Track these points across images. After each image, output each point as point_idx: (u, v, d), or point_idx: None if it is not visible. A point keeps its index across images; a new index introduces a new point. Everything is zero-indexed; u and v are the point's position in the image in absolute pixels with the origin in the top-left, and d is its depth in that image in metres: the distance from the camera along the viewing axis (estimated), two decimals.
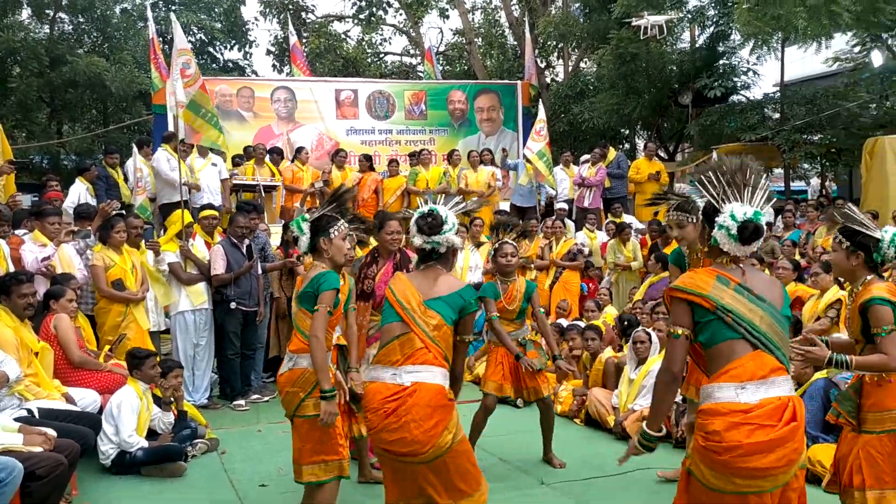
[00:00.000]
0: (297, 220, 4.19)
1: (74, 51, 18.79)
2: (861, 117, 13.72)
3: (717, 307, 3.04)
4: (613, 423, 6.62)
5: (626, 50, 14.49)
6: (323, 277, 4.01)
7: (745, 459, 2.89)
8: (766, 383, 2.98)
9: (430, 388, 3.51)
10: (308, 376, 4.01)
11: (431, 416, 3.47)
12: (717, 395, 3.01)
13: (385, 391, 3.52)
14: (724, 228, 3.10)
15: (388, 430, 3.47)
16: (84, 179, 10.05)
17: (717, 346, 3.06)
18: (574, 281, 10.30)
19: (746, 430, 2.91)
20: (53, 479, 4.30)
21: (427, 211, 3.74)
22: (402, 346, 3.57)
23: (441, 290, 3.67)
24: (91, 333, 6.87)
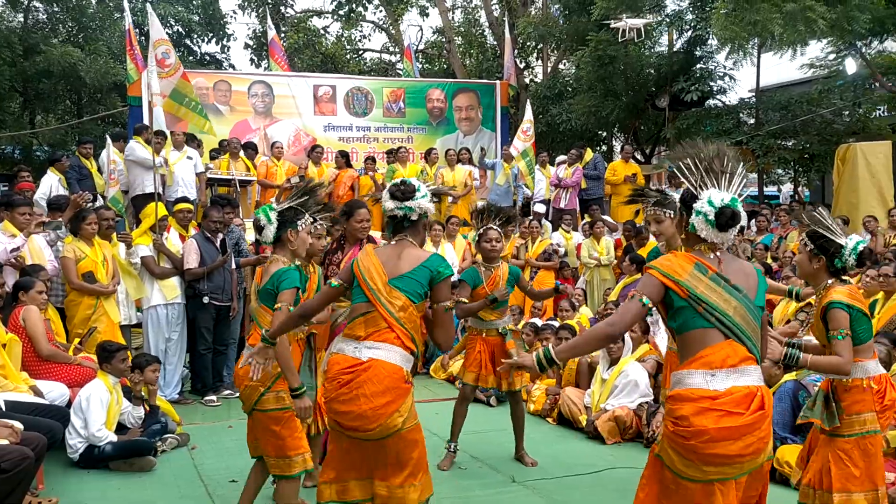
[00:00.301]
0: (265, 208, 4.14)
1: (49, 40, 18.53)
2: (834, 124, 13.89)
3: (689, 295, 3.06)
4: (585, 422, 6.65)
5: (604, 52, 14.56)
6: (284, 275, 3.98)
7: (712, 445, 2.92)
8: (737, 371, 3.01)
9: (385, 366, 3.51)
10: (268, 371, 3.98)
11: (383, 395, 3.46)
12: (686, 381, 3.04)
13: (343, 362, 3.54)
14: (701, 214, 3.11)
15: (339, 401, 3.50)
16: (55, 170, 9.93)
17: (688, 333, 3.09)
18: (549, 281, 10.32)
19: (714, 416, 2.94)
20: (19, 472, 4.24)
21: (399, 181, 3.74)
22: (367, 324, 3.58)
23: (405, 267, 3.63)
24: (61, 326, 6.80)
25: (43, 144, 19.90)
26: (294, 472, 4.05)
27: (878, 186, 11.56)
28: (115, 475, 5.54)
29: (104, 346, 5.95)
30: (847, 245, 3.91)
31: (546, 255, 10.42)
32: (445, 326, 3.74)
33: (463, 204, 11.98)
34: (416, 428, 3.62)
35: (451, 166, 12.31)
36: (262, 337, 3.85)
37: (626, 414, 6.42)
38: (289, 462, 4.04)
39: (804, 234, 4.06)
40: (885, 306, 6.92)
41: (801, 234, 4.33)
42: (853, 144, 12.13)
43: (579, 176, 12.46)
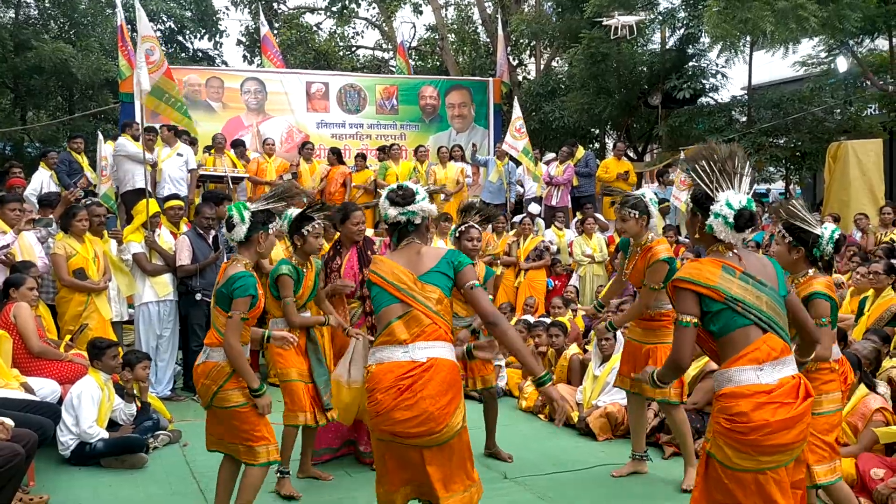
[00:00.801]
0: (238, 205, 4.07)
1: (40, 36, 18.44)
2: (826, 122, 13.93)
3: (727, 297, 3.14)
4: (577, 419, 6.67)
5: (597, 50, 14.57)
6: (238, 281, 3.94)
7: (773, 437, 3.04)
8: (781, 363, 3.14)
9: (445, 363, 3.38)
10: (220, 370, 4.03)
11: (447, 393, 3.34)
12: (737, 378, 3.12)
13: (398, 369, 3.34)
14: (720, 217, 3.18)
15: (402, 409, 3.28)
16: (46, 166, 9.89)
17: (731, 334, 3.17)
18: (540, 278, 10.36)
19: (771, 409, 3.06)
20: (9, 469, 4.23)
21: (395, 186, 3.64)
22: (409, 325, 3.40)
23: (430, 263, 3.51)
24: (52, 323, 6.77)
25: (34, 141, 19.82)
26: (259, 461, 4.10)
27: (868, 184, 11.61)
28: (106, 472, 5.54)
29: (95, 343, 5.93)
30: (823, 234, 4.04)
31: (537, 252, 10.43)
32: (484, 301, 3.51)
33: (455, 202, 11.97)
34: (466, 428, 3.51)
35: (443, 163, 12.31)
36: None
37: (618, 410, 6.44)
38: (254, 452, 4.09)
39: (780, 227, 4.16)
40: (874, 303, 6.97)
41: (777, 227, 4.42)
42: (844, 142, 12.18)
43: (570, 173, 12.47)
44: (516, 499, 5.13)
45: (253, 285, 3.96)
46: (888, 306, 6.83)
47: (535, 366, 3.47)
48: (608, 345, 6.83)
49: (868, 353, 5.83)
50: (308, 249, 5.07)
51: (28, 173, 10.81)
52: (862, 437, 5.11)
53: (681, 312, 3.20)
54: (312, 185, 11.61)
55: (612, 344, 6.86)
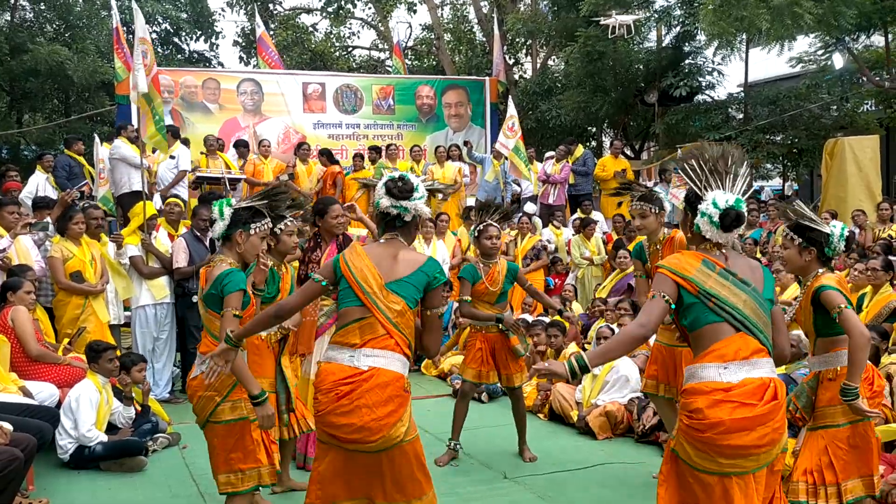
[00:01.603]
0: (221, 202, 3.90)
1: (35, 39, 18.41)
2: (822, 118, 13.95)
3: (699, 291, 3.10)
4: (577, 417, 6.67)
5: (593, 48, 14.58)
6: (227, 278, 3.70)
7: (727, 437, 2.95)
8: (749, 364, 3.05)
9: (387, 374, 3.31)
10: (224, 379, 3.71)
11: (385, 404, 3.28)
12: (700, 375, 3.07)
13: (340, 373, 3.31)
14: (706, 216, 3.16)
15: (338, 414, 3.26)
16: (42, 169, 9.87)
17: (701, 329, 3.12)
18: (538, 278, 10.34)
19: (728, 408, 2.97)
20: (8, 473, 4.22)
21: (398, 175, 3.49)
22: (363, 331, 3.35)
23: (403, 271, 3.42)
24: (49, 326, 6.76)
25: (31, 144, 19.80)
26: (247, 487, 3.83)
27: (865, 181, 11.61)
28: (105, 475, 5.52)
29: (92, 346, 5.92)
30: (833, 232, 3.96)
31: (535, 251, 10.42)
32: (435, 332, 3.58)
33: (453, 201, 11.97)
34: (417, 440, 3.45)
35: (440, 163, 12.30)
36: (225, 337, 3.52)
37: (618, 409, 6.44)
38: (241, 477, 3.81)
39: (787, 230, 4.07)
40: (872, 300, 6.97)
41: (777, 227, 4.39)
42: (841, 139, 12.18)
43: (567, 172, 12.47)
44: (516, 498, 5.13)
45: (242, 280, 3.74)
46: (886, 302, 6.84)
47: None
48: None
49: None
50: (282, 249, 4.82)
51: (24, 176, 10.78)
52: None
53: (656, 289, 3.16)
54: (309, 187, 11.60)
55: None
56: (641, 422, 6.26)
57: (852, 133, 13.11)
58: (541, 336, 7.87)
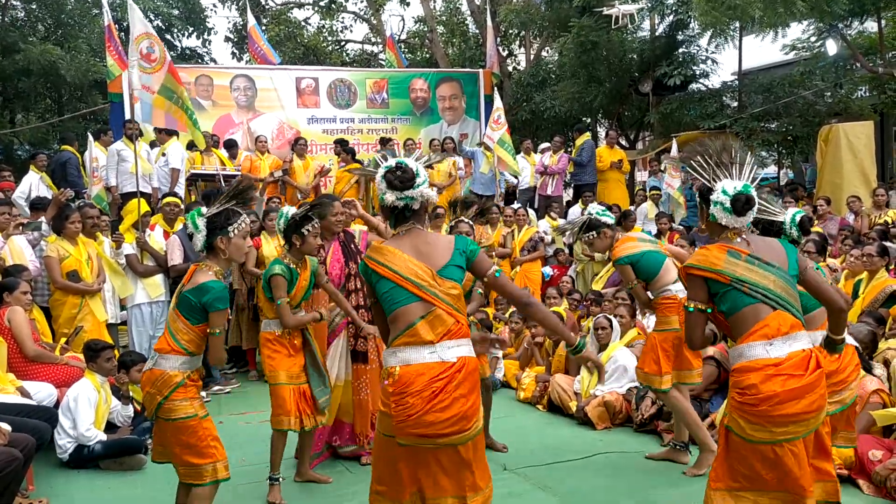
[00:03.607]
0: (192, 213, 3.80)
1: (27, 38, 18.33)
2: (816, 105, 13.92)
3: (732, 280, 3.38)
4: (575, 408, 6.68)
5: (587, 38, 14.52)
6: (211, 294, 3.71)
7: (782, 407, 3.23)
8: (791, 338, 3.33)
9: (472, 362, 3.27)
10: (167, 379, 3.76)
11: (474, 391, 3.25)
12: (748, 354, 3.34)
13: (429, 371, 3.16)
14: (718, 204, 3.44)
15: (436, 411, 3.12)
16: (36, 169, 9.84)
17: (740, 312, 3.39)
18: (535, 269, 10.35)
19: (780, 381, 3.26)
20: (8, 474, 4.22)
21: (395, 164, 3.34)
22: (433, 325, 3.21)
23: (445, 256, 3.31)
24: (46, 326, 6.75)
25: (24, 143, 19.72)
26: (205, 481, 3.84)
27: (860, 167, 11.63)
28: (105, 474, 5.54)
29: (90, 346, 5.92)
30: (786, 220, 4.19)
31: (532, 242, 10.42)
32: (507, 286, 3.51)
33: (448, 194, 11.94)
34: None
35: None
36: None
37: (616, 399, 6.46)
38: (198, 471, 3.84)
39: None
40: (868, 286, 6.99)
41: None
42: (835, 125, 12.18)
43: (565, 163, 12.48)
44: (516, 489, 5.14)
45: (227, 297, 3.79)
46: (882, 288, 6.85)
47: (570, 337, 3.48)
48: (604, 334, 6.85)
49: (864, 335, 5.84)
50: (306, 249, 4.97)
51: (17, 177, 10.74)
52: (859, 419, 5.11)
53: (689, 298, 3.51)
54: (306, 182, 11.57)
55: (608, 333, 6.88)
56: (640, 411, 6.28)
57: (847, 119, 13.10)
58: (538, 327, 7.88)
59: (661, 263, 5.20)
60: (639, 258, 5.20)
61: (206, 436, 3.84)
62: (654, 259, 5.22)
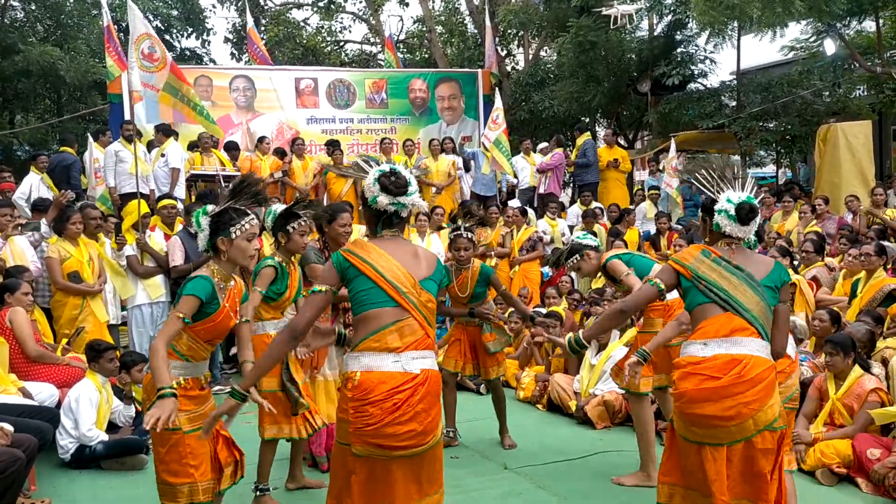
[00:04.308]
0: (198, 212, 3.67)
1: (27, 39, 18.33)
2: (815, 104, 13.94)
3: (693, 275, 3.49)
4: (575, 407, 6.71)
5: (585, 38, 14.54)
6: (191, 282, 3.51)
7: (692, 406, 3.32)
8: (728, 341, 3.36)
9: (435, 375, 3.25)
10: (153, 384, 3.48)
11: (436, 405, 3.23)
12: (684, 351, 3.47)
13: (391, 381, 3.11)
14: (723, 212, 3.53)
15: (397, 423, 3.08)
16: (37, 170, 9.85)
17: (693, 310, 3.52)
18: (534, 269, 10.37)
19: (696, 380, 3.33)
20: (10, 474, 4.24)
21: (389, 169, 3.31)
22: (402, 333, 3.16)
23: (427, 269, 3.31)
24: (47, 326, 6.78)
25: (23, 144, 19.73)
26: (180, 502, 3.59)
27: (859, 166, 11.64)
28: (107, 474, 5.55)
29: (92, 346, 5.94)
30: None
31: (531, 242, 10.44)
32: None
33: (447, 194, 11.98)
34: None
35: (434, 156, 12.30)
36: (232, 391, 3.41)
37: (615, 399, 6.48)
38: (173, 491, 3.59)
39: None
40: (866, 285, 7.01)
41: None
42: (834, 125, 12.19)
43: (558, 158, 12.50)
44: (515, 488, 5.16)
45: (203, 288, 3.49)
46: (880, 287, 6.87)
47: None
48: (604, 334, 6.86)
49: (862, 334, 5.87)
50: (292, 247, 4.77)
51: (17, 177, 10.76)
52: (858, 417, 5.15)
53: (655, 277, 3.64)
54: (305, 182, 11.59)
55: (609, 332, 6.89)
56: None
57: (845, 119, 13.11)
58: (538, 328, 7.89)
59: (648, 268, 5.10)
60: (628, 259, 5.18)
61: (186, 453, 3.54)
62: (641, 263, 5.17)
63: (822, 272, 7.94)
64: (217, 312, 3.57)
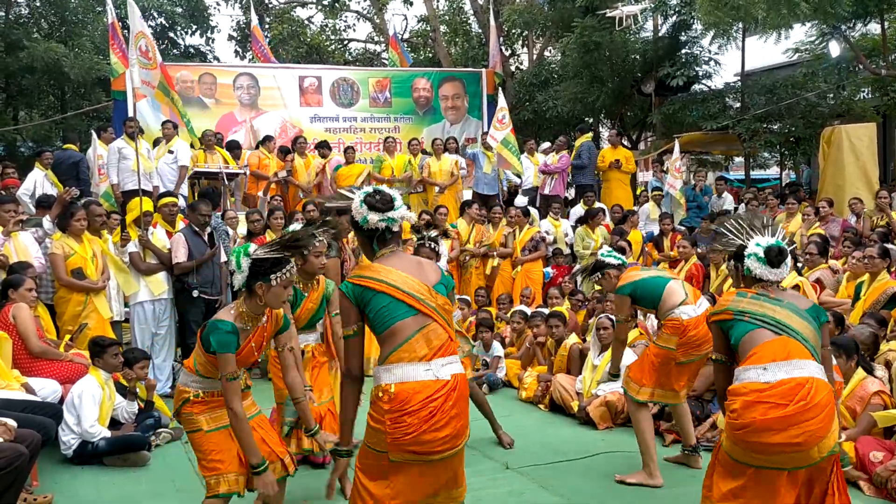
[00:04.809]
0: (238, 250, 3.73)
1: (31, 35, 18.36)
2: (819, 107, 13.95)
3: (734, 313, 3.56)
4: (577, 408, 6.70)
5: (589, 38, 14.55)
6: (211, 331, 3.63)
7: (758, 435, 3.28)
8: (788, 364, 3.35)
9: (463, 378, 3.30)
10: (179, 392, 3.91)
11: (465, 408, 3.30)
12: (741, 377, 3.43)
13: (425, 390, 3.16)
14: (753, 255, 3.65)
15: (433, 430, 3.14)
16: (42, 166, 9.87)
17: (742, 339, 3.52)
18: (537, 269, 10.36)
19: (763, 409, 3.30)
20: (14, 469, 4.25)
21: (371, 190, 3.39)
22: (428, 339, 3.21)
23: (435, 276, 3.38)
24: (50, 323, 6.77)
25: (27, 140, 19.76)
26: (209, 493, 3.84)
27: (862, 168, 11.64)
28: (109, 471, 5.56)
29: (96, 342, 5.95)
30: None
31: (533, 242, 10.44)
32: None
33: (450, 194, 11.96)
34: None
35: (437, 156, 12.30)
36: (335, 451, 3.51)
37: (618, 399, 6.47)
38: (208, 482, 3.84)
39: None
40: (870, 287, 7.00)
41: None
42: (838, 127, 12.20)
43: (565, 161, 12.49)
44: (518, 488, 5.16)
45: (230, 342, 3.61)
46: (884, 290, 6.87)
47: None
48: (607, 334, 6.85)
49: (865, 337, 5.86)
50: (309, 269, 4.73)
51: (21, 174, 10.77)
52: (861, 420, 5.15)
53: (714, 349, 3.75)
54: (307, 180, 11.60)
55: (610, 333, 6.87)
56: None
57: (849, 121, 13.11)
58: (541, 327, 7.90)
59: (662, 287, 5.11)
60: (635, 286, 5.17)
61: (209, 449, 3.82)
62: (652, 283, 5.15)
63: (825, 274, 7.93)
64: (236, 352, 3.69)
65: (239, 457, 3.83)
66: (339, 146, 13.08)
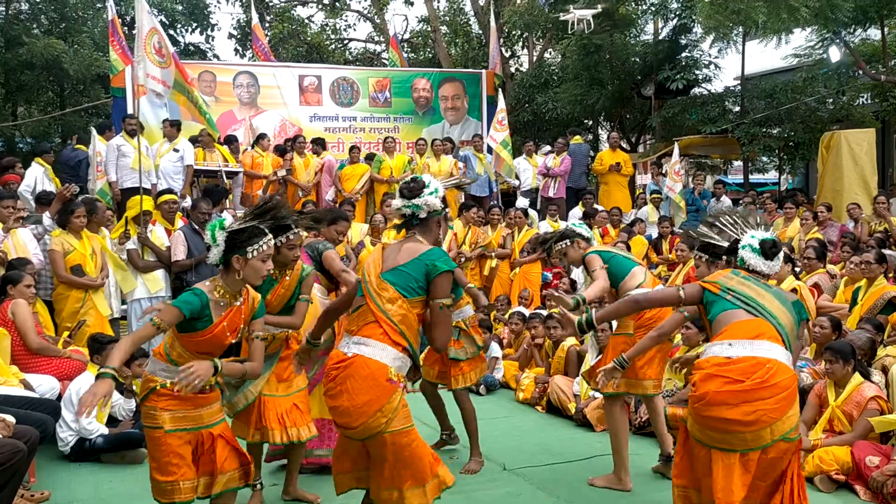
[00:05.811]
0: (213, 225, 3.62)
1: (31, 31, 18.32)
2: (818, 112, 13.97)
3: (721, 288, 3.57)
4: (574, 410, 6.71)
5: (590, 41, 14.56)
6: (184, 294, 3.57)
7: (710, 408, 3.27)
8: (754, 344, 3.35)
9: (367, 362, 3.38)
10: (145, 380, 3.61)
11: (364, 392, 3.33)
12: (707, 352, 3.47)
13: (335, 357, 3.51)
14: (747, 247, 3.66)
15: (329, 395, 3.49)
16: (42, 161, 9.85)
17: (718, 316, 3.54)
18: (535, 271, 10.38)
19: (719, 382, 3.29)
20: (12, 465, 4.24)
21: (412, 178, 3.72)
22: (359, 318, 3.52)
23: (401, 260, 3.52)
24: (49, 319, 6.78)
25: (26, 136, 19.73)
26: (167, 500, 3.60)
27: (861, 174, 11.66)
28: (106, 468, 5.56)
29: (96, 338, 5.96)
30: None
31: (532, 244, 10.45)
32: (441, 325, 3.55)
33: (448, 194, 11.91)
34: (407, 432, 3.41)
35: (437, 157, 12.31)
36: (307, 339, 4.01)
37: None
38: (159, 488, 3.61)
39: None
40: (867, 292, 7.02)
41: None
42: (837, 132, 12.22)
43: (567, 165, 12.51)
44: (514, 489, 5.17)
45: (189, 303, 3.47)
46: (881, 294, 6.90)
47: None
48: (604, 336, 6.85)
49: (862, 342, 5.87)
50: (281, 260, 4.44)
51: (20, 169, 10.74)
52: (857, 425, 5.16)
53: (683, 286, 3.80)
54: (307, 179, 11.60)
55: (608, 335, 6.87)
56: (639, 414, 6.30)
57: (848, 126, 13.14)
58: (538, 329, 7.91)
59: (628, 269, 5.04)
60: (609, 258, 5.08)
61: (168, 451, 3.53)
62: (623, 262, 5.10)
63: (823, 279, 7.95)
64: (207, 329, 3.54)
65: (196, 462, 3.65)
66: (338, 146, 13.09)
